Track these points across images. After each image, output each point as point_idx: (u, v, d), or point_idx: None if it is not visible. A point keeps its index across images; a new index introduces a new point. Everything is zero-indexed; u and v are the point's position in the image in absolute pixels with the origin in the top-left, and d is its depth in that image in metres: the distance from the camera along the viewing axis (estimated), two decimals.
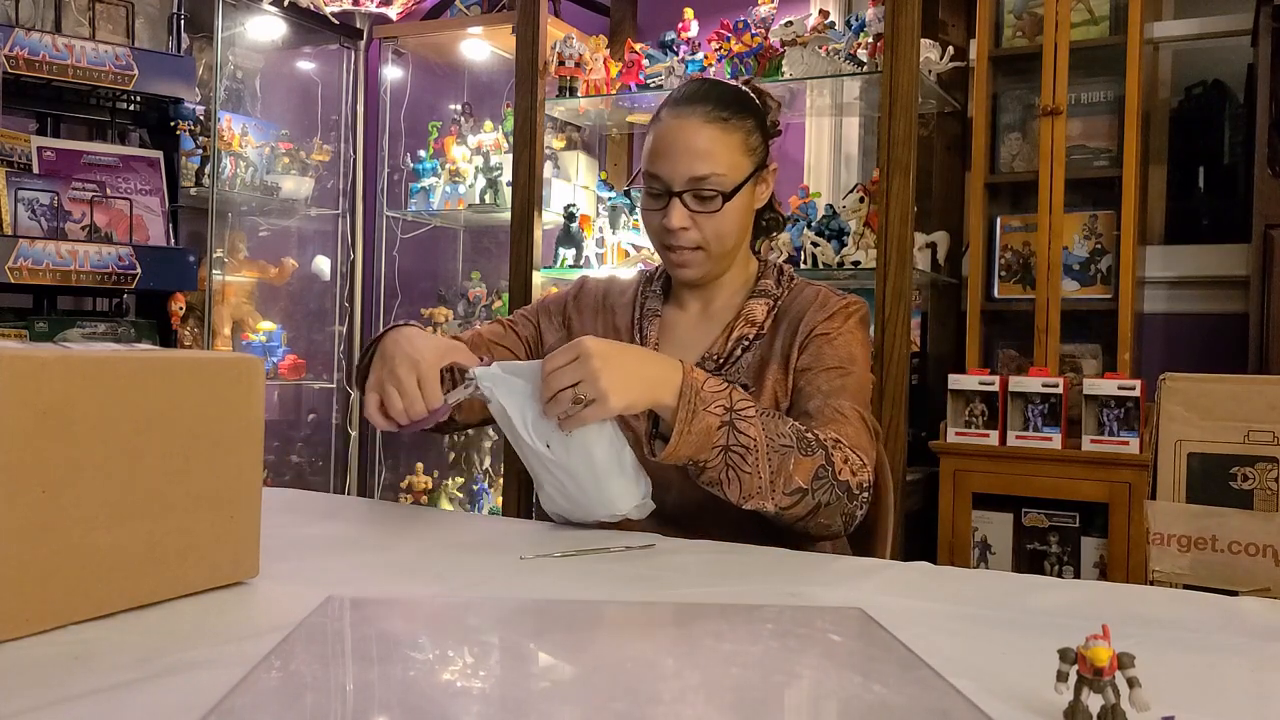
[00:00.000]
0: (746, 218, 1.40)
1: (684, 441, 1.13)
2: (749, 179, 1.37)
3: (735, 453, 1.15)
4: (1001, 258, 2.78)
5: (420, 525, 1.29)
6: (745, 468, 1.15)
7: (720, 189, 1.33)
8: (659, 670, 0.69)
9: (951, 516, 2.58)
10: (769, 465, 1.15)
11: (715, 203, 1.34)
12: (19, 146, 2.65)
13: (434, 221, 3.62)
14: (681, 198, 1.34)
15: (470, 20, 3.49)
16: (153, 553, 0.82)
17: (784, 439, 1.17)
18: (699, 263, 1.39)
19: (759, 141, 1.39)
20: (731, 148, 1.34)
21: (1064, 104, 2.58)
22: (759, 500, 1.17)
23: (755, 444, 1.15)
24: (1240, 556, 1.09)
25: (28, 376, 0.73)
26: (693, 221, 1.35)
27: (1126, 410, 2.41)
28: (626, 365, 1.13)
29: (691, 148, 1.33)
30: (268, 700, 0.61)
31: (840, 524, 1.23)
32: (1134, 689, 0.60)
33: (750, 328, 1.40)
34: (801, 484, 1.17)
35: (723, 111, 1.35)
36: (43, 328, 2.62)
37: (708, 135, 1.33)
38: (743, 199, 1.37)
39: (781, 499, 1.17)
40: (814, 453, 1.18)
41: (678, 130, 1.34)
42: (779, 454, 1.16)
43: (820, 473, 1.18)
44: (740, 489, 1.16)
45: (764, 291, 1.43)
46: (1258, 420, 1.10)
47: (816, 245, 2.66)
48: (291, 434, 3.79)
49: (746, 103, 1.39)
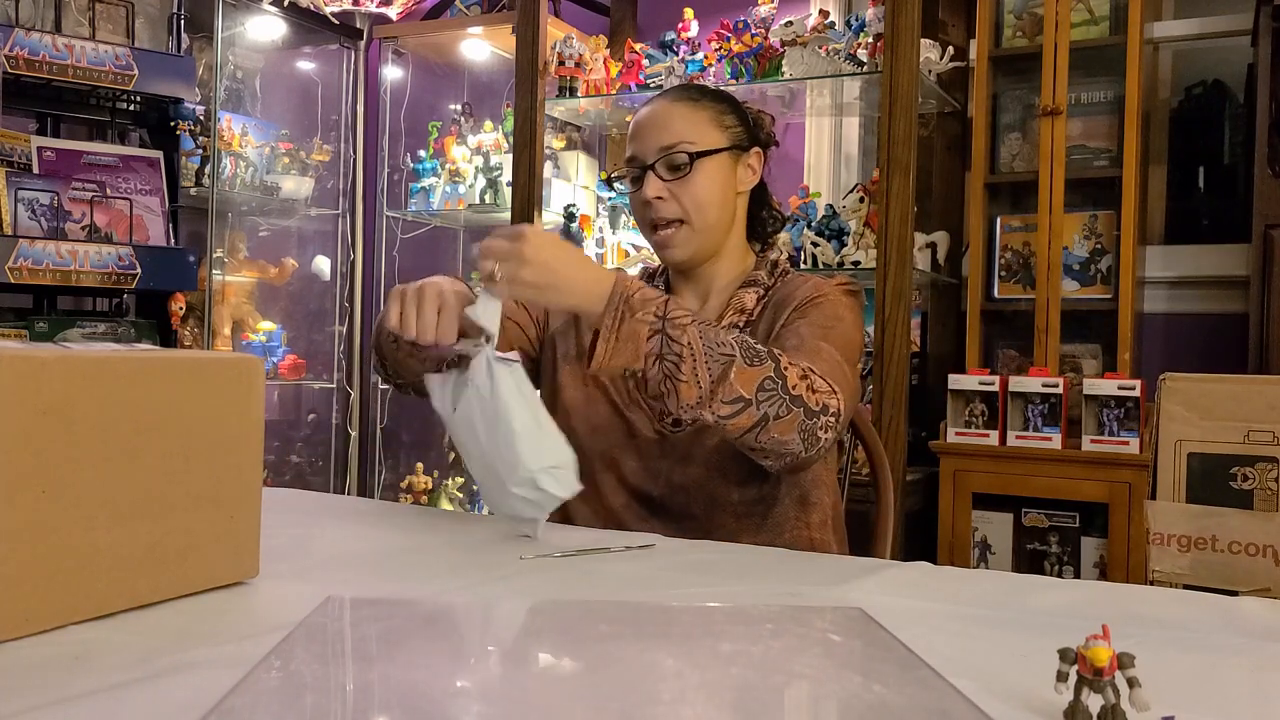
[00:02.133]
0: (727, 194, 1.40)
1: (614, 350, 1.13)
2: (723, 150, 1.39)
3: (669, 361, 1.12)
4: (1001, 258, 2.78)
5: (420, 525, 1.29)
6: (681, 376, 1.12)
7: (689, 152, 1.36)
8: (659, 670, 0.69)
9: (951, 516, 2.58)
10: (708, 373, 1.12)
11: (685, 168, 1.36)
12: (19, 146, 2.65)
13: (434, 221, 3.62)
14: (654, 169, 1.37)
15: (470, 20, 3.49)
16: (153, 553, 0.82)
17: (725, 348, 1.14)
18: (682, 240, 1.39)
19: (734, 123, 1.41)
20: (700, 120, 1.39)
21: (1064, 104, 2.58)
22: (698, 410, 1.14)
23: (691, 350, 1.12)
24: (1240, 556, 1.09)
25: (28, 376, 0.73)
26: (668, 191, 1.37)
27: (1126, 410, 2.41)
28: (557, 263, 1.12)
29: (660, 123, 1.39)
30: (268, 700, 0.61)
31: (800, 443, 1.17)
32: (1134, 689, 0.60)
33: (739, 316, 1.40)
34: (744, 393, 1.13)
35: (690, 94, 1.43)
36: (43, 328, 2.62)
37: (676, 111, 1.39)
38: (718, 169, 1.38)
39: (721, 408, 1.13)
40: (761, 363, 1.15)
41: (649, 114, 1.41)
42: (719, 362, 1.13)
43: (767, 384, 1.14)
44: (678, 399, 1.13)
45: (755, 282, 1.43)
46: (1258, 420, 1.10)
47: (816, 245, 2.66)
48: (291, 434, 3.79)
49: (717, 93, 1.45)
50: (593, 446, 1.37)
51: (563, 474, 1.12)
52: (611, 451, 1.37)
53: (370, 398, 3.76)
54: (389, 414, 3.71)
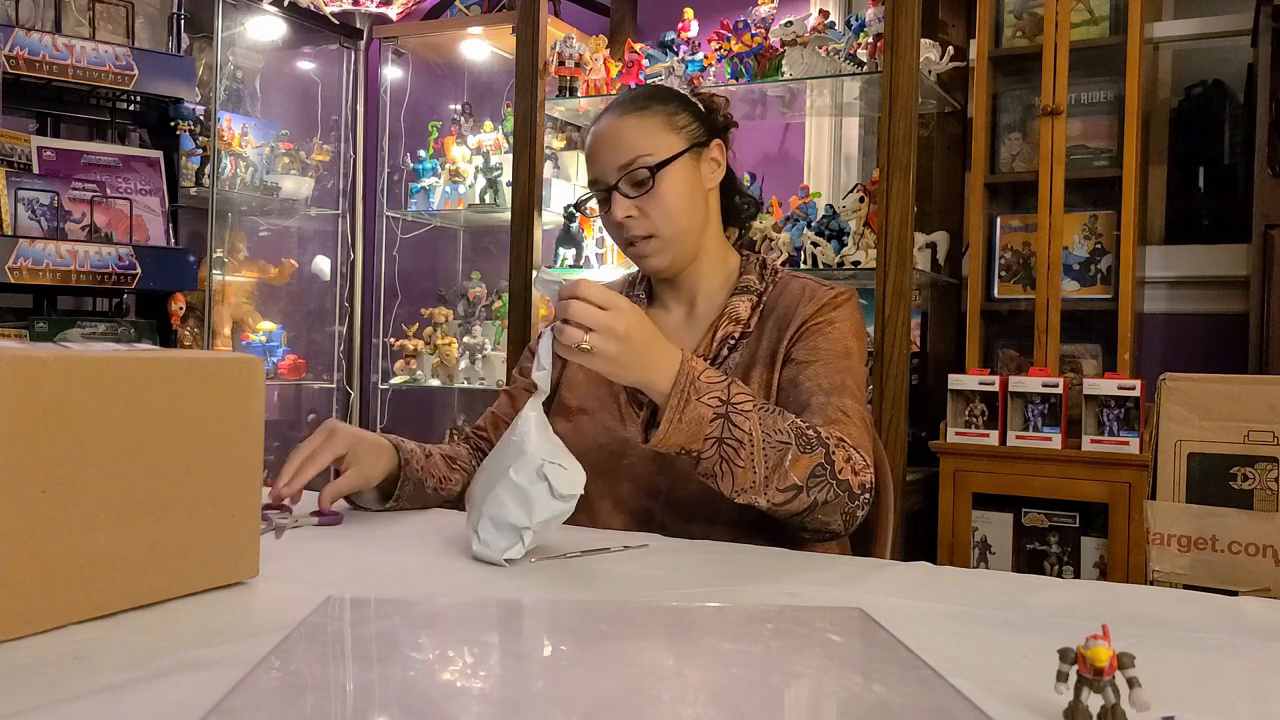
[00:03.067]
0: (695, 196, 1.39)
1: (674, 429, 1.11)
2: (682, 154, 1.36)
3: (729, 445, 1.13)
4: (1001, 258, 2.78)
5: (420, 525, 1.29)
6: (739, 461, 1.13)
7: (648, 166, 1.34)
8: (659, 670, 0.69)
9: (951, 516, 2.58)
10: (765, 461, 1.13)
11: (648, 183, 1.34)
12: (19, 146, 2.65)
13: (434, 221, 3.62)
14: (617, 188, 1.36)
15: (470, 20, 3.49)
16: (153, 553, 0.82)
17: (781, 435, 1.15)
18: (657, 250, 1.38)
19: (688, 121, 1.39)
20: (652, 129, 1.36)
21: (1064, 104, 2.58)
22: (752, 495, 1.15)
23: (750, 438, 1.13)
24: (1240, 556, 1.09)
25: (28, 376, 0.73)
26: (636, 209, 1.35)
27: (1126, 410, 2.41)
28: (639, 341, 1.11)
29: (613, 140, 1.36)
30: (268, 700, 0.61)
31: (840, 523, 1.21)
32: (1134, 689, 0.60)
33: (735, 326, 1.38)
34: (797, 481, 1.14)
35: (640, 102, 1.39)
36: (43, 328, 2.62)
37: (627, 124, 1.36)
38: (681, 175, 1.36)
39: (775, 495, 1.15)
40: (813, 450, 1.16)
41: (600, 132, 1.38)
42: (776, 450, 1.14)
43: (818, 470, 1.16)
44: (733, 483, 1.14)
45: (747, 288, 1.41)
46: (1258, 420, 1.10)
47: (816, 245, 2.66)
48: (291, 434, 3.79)
49: (667, 93, 1.42)
50: (589, 466, 1.36)
51: (569, 474, 1.09)
52: (608, 471, 1.35)
53: (370, 398, 3.76)
54: (389, 414, 3.71)
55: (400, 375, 3.48)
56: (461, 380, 3.37)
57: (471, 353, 3.34)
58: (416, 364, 3.46)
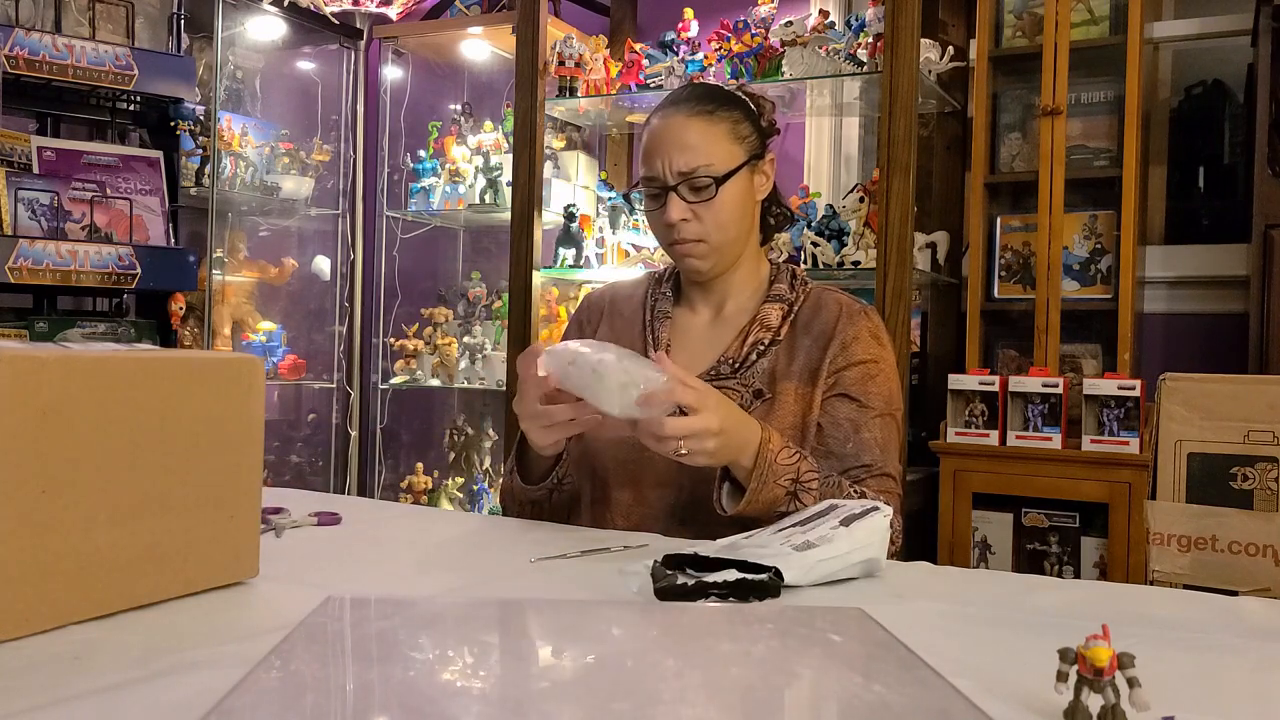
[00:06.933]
0: (746, 207, 1.41)
1: (751, 507, 1.21)
2: (742, 166, 1.38)
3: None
4: (1001, 258, 2.78)
5: (420, 525, 1.29)
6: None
7: (712, 176, 1.35)
8: (659, 670, 0.69)
9: (951, 516, 2.58)
10: None
11: (709, 191, 1.35)
12: (19, 146, 2.65)
13: (434, 221, 3.62)
14: (677, 190, 1.36)
15: (470, 20, 3.49)
16: (153, 553, 0.82)
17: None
18: (704, 253, 1.39)
19: (749, 131, 1.40)
20: (718, 137, 1.37)
21: (1064, 104, 2.58)
22: None
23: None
24: (1240, 556, 1.09)
25: (28, 376, 0.73)
26: (692, 213, 1.36)
27: (1126, 410, 2.41)
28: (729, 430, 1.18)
29: (679, 141, 1.36)
30: (268, 700, 0.61)
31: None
32: (1134, 689, 0.60)
33: (766, 333, 1.40)
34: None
35: (707, 105, 1.39)
36: (43, 328, 2.62)
37: (694, 128, 1.36)
38: (739, 186, 1.38)
39: None
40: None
41: (665, 129, 1.38)
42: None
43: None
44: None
45: (778, 296, 1.43)
46: (1258, 420, 1.10)
47: (816, 245, 2.66)
48: (291, 434, 3.79)
49: (731, 97, 1.43)
50: (612, 464, 1.37)
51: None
52: (631, 464, 1.36)
53: (370, 398, 3.76)
54: (389, 414, 3.71)
55: (400, 375, 3.49)
56: (461, 380, 3.37)
57: (471, 353, 3.34)
58: (416, 364, 3.46)
